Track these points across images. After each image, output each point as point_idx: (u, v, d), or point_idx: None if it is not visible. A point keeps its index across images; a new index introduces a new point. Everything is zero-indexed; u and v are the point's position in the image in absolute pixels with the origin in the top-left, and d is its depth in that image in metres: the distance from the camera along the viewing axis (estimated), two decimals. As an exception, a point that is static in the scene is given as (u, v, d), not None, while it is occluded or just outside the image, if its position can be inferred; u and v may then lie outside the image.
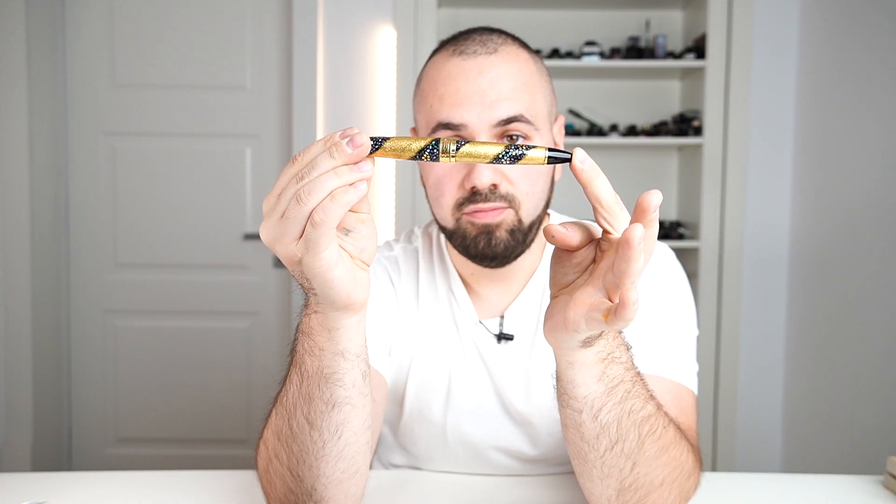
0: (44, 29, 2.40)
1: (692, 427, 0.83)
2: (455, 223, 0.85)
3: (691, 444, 0.75)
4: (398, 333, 0.95)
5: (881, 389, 1.84)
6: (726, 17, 2.30)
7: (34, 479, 0.89)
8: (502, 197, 0.82)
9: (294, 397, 0.66)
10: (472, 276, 0.93)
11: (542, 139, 0.85)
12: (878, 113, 1.89)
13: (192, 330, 2.56)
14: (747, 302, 2.40)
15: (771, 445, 2.41)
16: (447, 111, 0.81)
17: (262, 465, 0.73)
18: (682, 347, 0.88)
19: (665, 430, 0.68)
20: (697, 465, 0.76)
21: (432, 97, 0.84)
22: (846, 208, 2.02)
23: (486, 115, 0.81)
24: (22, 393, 2.39)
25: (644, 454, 0.66)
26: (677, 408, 0.82)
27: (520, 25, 2.46)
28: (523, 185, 0.83)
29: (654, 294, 0.89)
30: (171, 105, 2.51)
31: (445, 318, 0.94)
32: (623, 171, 2.55)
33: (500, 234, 0.84)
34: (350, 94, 2.43)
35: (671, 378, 0.85)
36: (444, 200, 0.85)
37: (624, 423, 0.64)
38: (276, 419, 0.69)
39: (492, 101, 0.81)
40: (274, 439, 0.70)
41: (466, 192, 0.82)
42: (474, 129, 0.81)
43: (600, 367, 0.62)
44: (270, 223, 0.54)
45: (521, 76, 0.83)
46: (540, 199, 0.86)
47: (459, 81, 0.82)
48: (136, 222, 2.54)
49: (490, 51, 0.83)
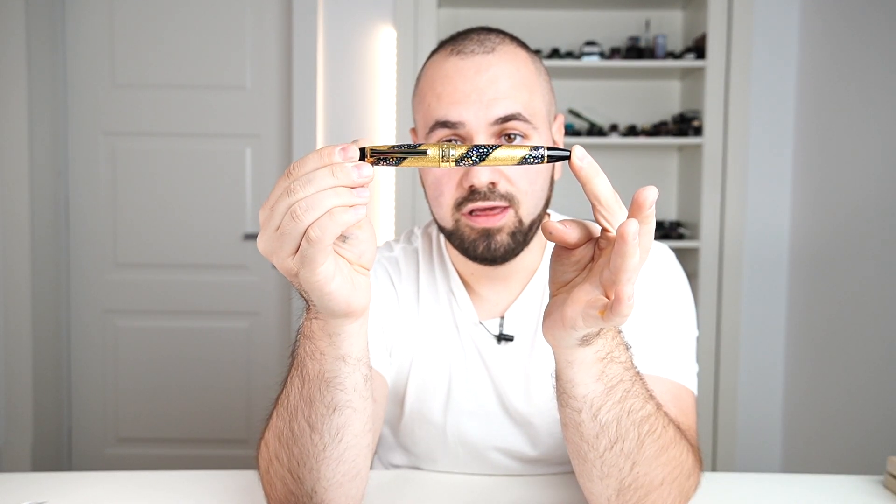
0: (44, 29, 2.40)
1: (692, 427, 0.83)
2: (454, 224, 0.85)
3: (691, 444, 0.75)
4: (399, 334, 0.95)
5: (881, 389, 1.84)
6: (726, 17, 2.30)
7: (34, 479, 0.89)
8: (501, 196, 0.82)
9: (295, 400, 0.66)
10: (472, 277, 0.93)
11: (540, 138, 0.84)
12: (877, 113, 1.89)
13: (192, 330, 2.56)
14: (747, 302, 2.40)
15: (771, 445, 2.41)
16: (445, 109, 0.81)
17: (262, 466, 0.73)
18: (682, 348, 0.88)
19: (665, 429, 0.68)
20: (697, 465, 0.76)
21: (430, 96, 0.84)
22: (846, 208, 2.02)
23: (484, 114, 0.80)
24: (22, 393, 2.39)
25: (644, 454, 0.66)
26: (677, 408, 0.82)
27: (520, 25, 2.46)
28: (522, 184, 0.82)
29: (654, 294, 0.89)
30: (171, 105, 2.51)
31: (446, 319, 0.94)
32: (623, 171, 2.55)
33: (501, 238, 0.83)
34: (350, 94, 2.43)
35: (671, 378, 0.85)
36: (443, 200, 0.85)
37: (623, 422, 0.64)
38: (277, 421, 0.69)
39: (489, 99, 0.80)
40: (275, 441, 0.70)
41: (465, 191, 0.82)
42: (471, 127, 0.81)
43: (599, 367, 0.62)
44: (266, 235, 0.53)
45: (518, 75, 0.83)
46: (539, 197, 0.85)
47: (457, 80, 0.82)
48: (136, 222, 2.54)
49: (488, 50, 0.83)
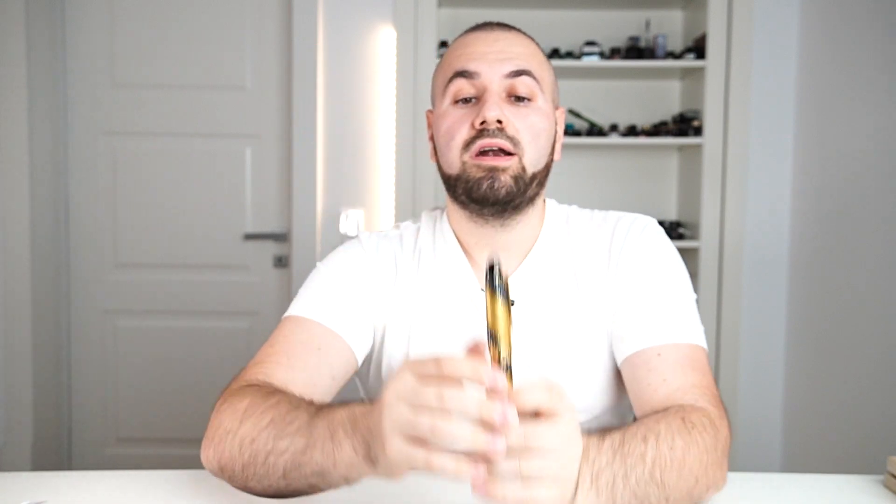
0: (44, 29, 2.40)
1: (710, 385, 0.85)
2: (461, 166, 0.89)
3: (708, 408, 0.79)
4: (394, 308, 0.96)
5: (881, 389, 1.84)
6: (726, 17, 2.30)
7: (34, 478, 0.89)
8: (508, 138, 0.87)
9: (289, 450, 0.69)
10: (474, 246, 0.95)
11: (545, 104, 0.91)
12: (877, 112, 1.89)
13: (192, 330, 2.56)
14: (747, 302, 2.40)
15: (771, 445, 2.41)
16: (464, 61, 0.90)
17: (221, 427, 0.77)
18: (685, 310, 0.90)
19: (672, 448, 0.70)
20: (718, 423, 0.78)
21: (452, 56, 0.93)
22: (846, 208, 2.02)
23: (499, 67, 0.89)
24: (22, 393, 2.39)
25: (667, 486, 0.69)
26: (694, 370, 0.85)
27: (520, 25, 2.44)
28: (526, 136, 0.89)
29: (647, 268, 0.92)
30: (171, 105, 2.51)
31: (447, 287, 0.95)
32: (623, 171, 2.55)
33: (505, 179, 0.87)
34: (350, 94, 2.43)
35: (683, 342, 0.87)
36: (454, 143, 0.89)
37: (639, 491, 0.67)
38: (264, 434, 0.72)
39: (504, 57, 0.89)
40: (249, 443, 0.73)
41: (475, 131, 0.88)
42: (486, 77, 0.89)
43: (594, 496, 0.65)
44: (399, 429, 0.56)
45: (532, 47, 0.94)
46: (542, 154, 0.91)
47: (477, 43, 0.91)
48: (136, 222, 2.54)
49: (505, 28, 0.94)
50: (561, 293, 0.94)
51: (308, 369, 0.87)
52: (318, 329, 0.90)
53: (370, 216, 2.46)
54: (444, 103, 0.91)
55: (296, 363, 0.87)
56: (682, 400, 0.81)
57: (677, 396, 0.82)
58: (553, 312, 0.93)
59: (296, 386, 0.84)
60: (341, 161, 2.44)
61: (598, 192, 2.54)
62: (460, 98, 0.90)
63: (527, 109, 0.89)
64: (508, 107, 0.88)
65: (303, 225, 2.44)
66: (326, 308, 0.92)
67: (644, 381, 0.85)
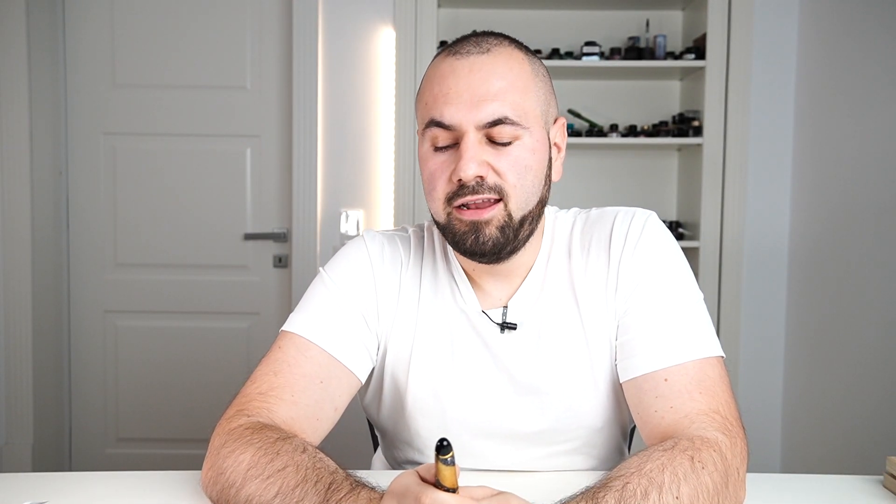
0: (44, 29, 2.41)
1: (718, 407, 0.82)
2: (446, 218, 0.87)
3: (716, 440, 0.77)
4: (395, 326, 0.95)
5: (880, 389, 1.84)
6: (726, 18, 2.30)
7: (34, 479, 0.90)
8: (490, 188, 0.84)
9: (282, 493, 0.72)
10: (473, 271, 0.94)
11: (531, 138, 0.85)
12: (876, 112, 1.89)
13: (192, 330, 2.56)
14: (747, 302, 2.40)
15: (770, 445, 2.41)
16: (439, 109, 0.84)
17: (227, 443, 0.80)
18: (692, 320, 0.87)
19: (678, 498, 0.69)
20: (730, 453, 0.76)
21: (427, 95, 0.87)
22: (846, 208, 2.02)
23: (473, 117, 0.83)
24: (22, 393, 2.39)
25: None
26: (702, 393, 0.82)
27: (520, 25, 2.46)
28: (511, 178, 0.84)
29: (649, 276, 0.90)
30: (171, 105, 2.51)
31: (449, 308, 0.95)
32: (623, 171, 2.55)
33: (490, 231, 0.85)
34: (350, 94, 2.43)
35: (691, 360, 0.84)
36: (436, 194, 0.87)
37: None
38: (266, 467, 0.75)
39: (479, 99, 0.83)
40: (249, 459, 0.77)
41: (455, 185, 0.84)
42: (461, 128, 0.84)
43: None
44: None
45: (511, 75, 0.85)
46: (531, 193, 0.86)
47: (451, 80, 0.85)
48: (136, 222, 2.54)
49: (483, 51, 0.86)
50: (561, 311, 0.93)
51: (311, 405, 0.87)
52: (321, 358, 0.89)
53: (370, 216, 2.46)
54: (424, 144, 0.88)
55: (300, 399, 0.87)
56: (689, 429, 0.79)
57: (685, 424, 0.80)
58: (554, 330, 0.92)
59: (299, 422, 0.86)
60: (341, 161, 2.45)
61: (598, 192, 2.54)
62: (437, 146, 0.86)
63: (510, 147, 0.84)
64: (489, 150, 0.84)
65: (303, 225, 2.44)
66: (330, 331, 0.91)
67: (651, 408, 0.84)
